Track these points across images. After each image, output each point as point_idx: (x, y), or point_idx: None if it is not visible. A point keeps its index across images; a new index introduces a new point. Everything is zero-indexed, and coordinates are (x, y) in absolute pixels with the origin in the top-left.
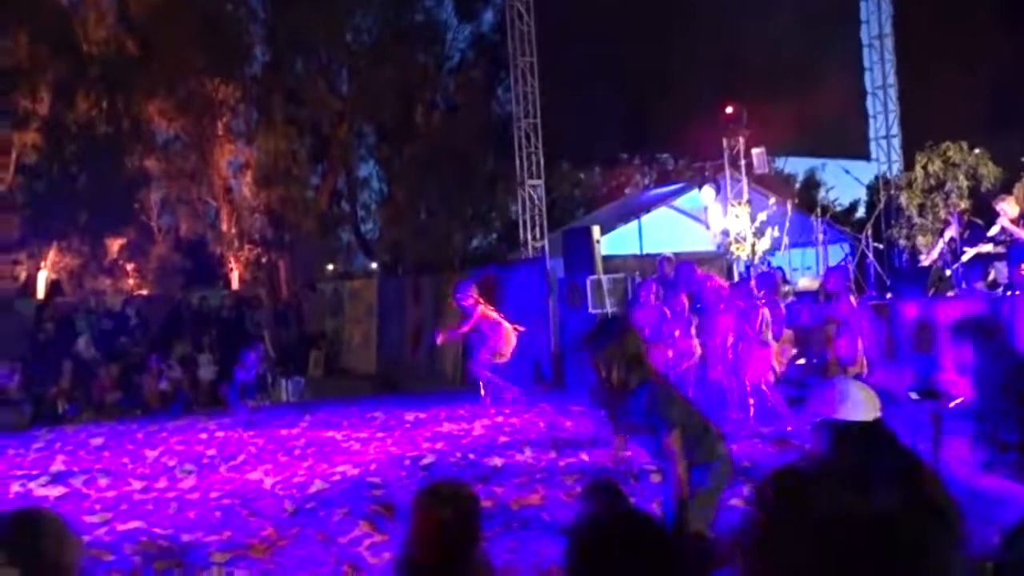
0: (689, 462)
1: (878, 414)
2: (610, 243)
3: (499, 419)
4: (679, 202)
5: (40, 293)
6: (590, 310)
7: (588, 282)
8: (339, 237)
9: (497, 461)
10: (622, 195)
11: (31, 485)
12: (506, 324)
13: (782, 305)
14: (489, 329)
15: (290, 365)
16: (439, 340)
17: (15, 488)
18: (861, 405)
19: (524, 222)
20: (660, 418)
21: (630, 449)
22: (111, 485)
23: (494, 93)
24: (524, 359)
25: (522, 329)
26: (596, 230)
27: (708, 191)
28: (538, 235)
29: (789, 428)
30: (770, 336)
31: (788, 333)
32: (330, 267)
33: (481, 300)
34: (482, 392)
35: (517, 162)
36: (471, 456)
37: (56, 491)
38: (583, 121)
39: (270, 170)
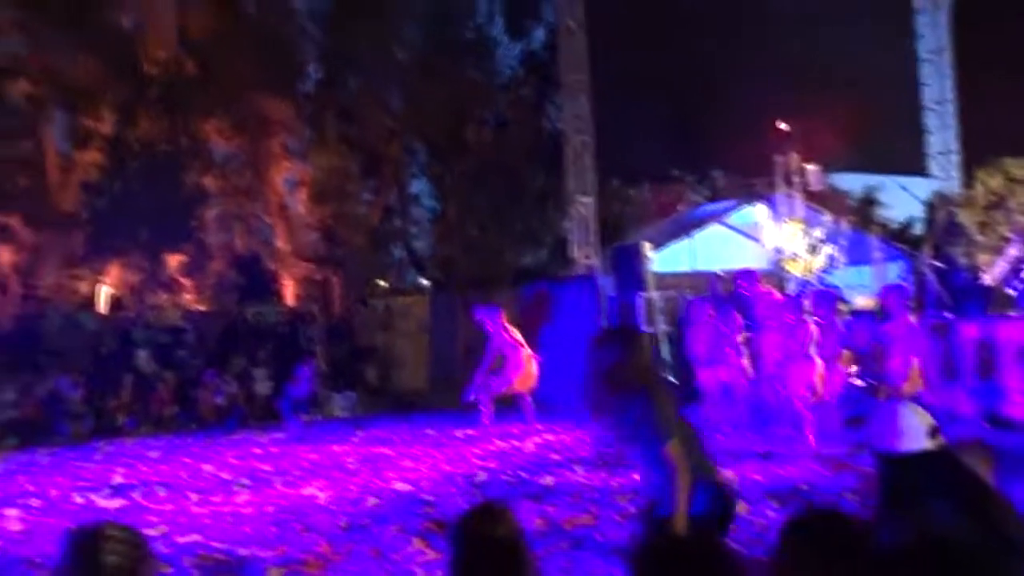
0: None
1: (938, 441)
2: (662, 260)
3: (550, 437)
4: (731, 219)
5: (101, 308)
6: (641, 328)
7: (639, 300)
8: (391, 253)
9: (549, 480)
10: (673, 212)
11: (93, 497)
12: (526, 352)
13: (840, 324)
14: (508, 355)
15: (342, 380)
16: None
17: (77, 499)
18: (918, 433)
19: (575, 239)
20: (652, 429)
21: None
22: (169, 498)
23: (544, 109)
24: (574, 377)
25: (539, 359)
26: (647, 247)
27: (761, 208)
28: (589, 252)
29: (844, 450)
30: (815, 353)
31: (846, 353)
32: (381, 283)
33: (504, 325)
34: (485, 412)
35: (568, 178)
36: (523, 474)
37: (116, 503)
38: (634, 137)
39: (324, 187)
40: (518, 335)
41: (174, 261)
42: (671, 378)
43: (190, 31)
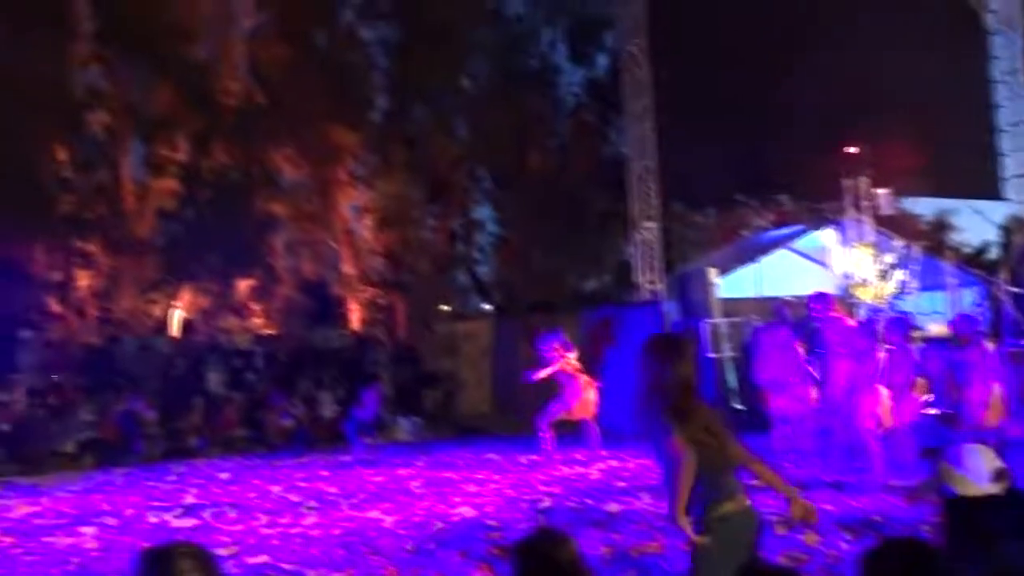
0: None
1: (1004, 484)
2: (727, 286)
3: (615, 463)
4: (798, 244)
5: (174, 331)
6: (707, 353)
7: (704, 326)
8: (454, 278)
9: (614, 507)
10: (739, 237)
11: (166, 516)
12: (583, 379)
13: (914, 351)
14: (565, 382)
15: (406, 404)
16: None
17: (151, 519)
18: (982, 476)
19: (638, 264)
20: (666, 423)
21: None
22: (239, 519)
23: (607, 135)
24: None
25: (599, 384)
26: (713, 272)
27: (829, 233)
28: (653, 277)
29: (918, 481)
30: (882, 383)
31: (920, 381)
32: (445, 308)
33: (564, 353)
34: (545, 440)
35: (631, 203)
36: (588, 501)
37: (188, 523)
38: (698, 162)
39: (389, 213)
40: (577, 361)
41: (244, 286)
42: (737, 404)
43: (261, 62)
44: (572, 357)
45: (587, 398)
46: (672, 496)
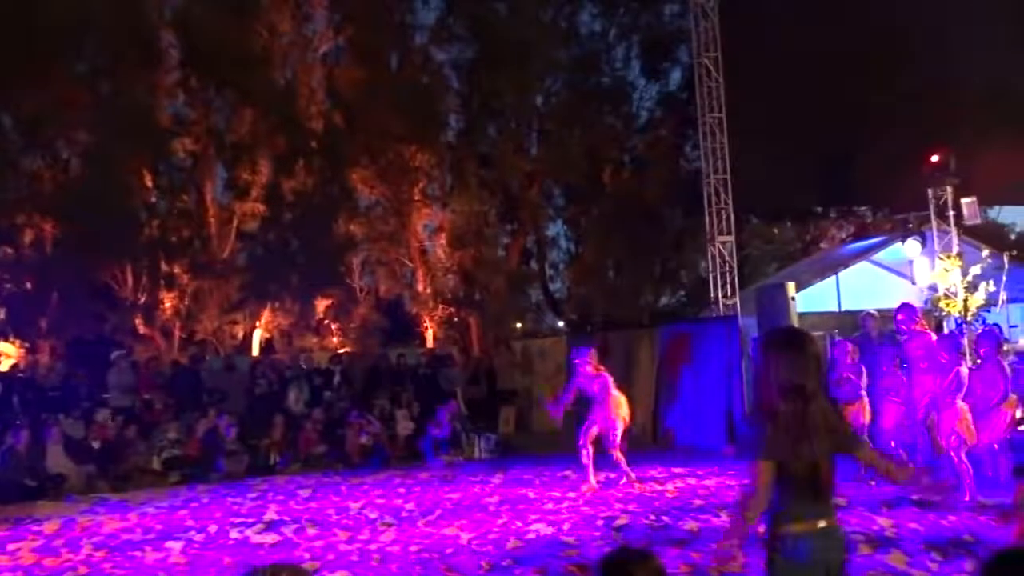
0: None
1: None
2: (806, 300)
3: (692, 481)
4: (880, 256)
5: (255, 350)
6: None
7: None
8: (527, 296)
9: (693, 525)
10: (817, 250)
11: (248, 532)
12: (616, 393)
13: (1007, 365)
14: (601, 396)
15: (482, 422)
16: (554, 414)
17: (234, 534)
18: None
19: (714, 279)
20: (751, 444)
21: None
22: (319, 535)
23: (682, 150)
24: (717, 419)
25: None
26: (791, 287)
27: (913, 244)
28: (729, 292)
29: (1010, 499)
30: (965, 398)
31: (1012, 397)
32: (518, 325)
33: (600, 367)
34: (584, 463)
35: (706, 218)
36: (665, 519)
37: (270, 539)
38: (775, 175)
39: (463, 231)
40: (608, 375)
41: (322, 305)
42: None
43: (338, 85)
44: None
45: (621, 413)
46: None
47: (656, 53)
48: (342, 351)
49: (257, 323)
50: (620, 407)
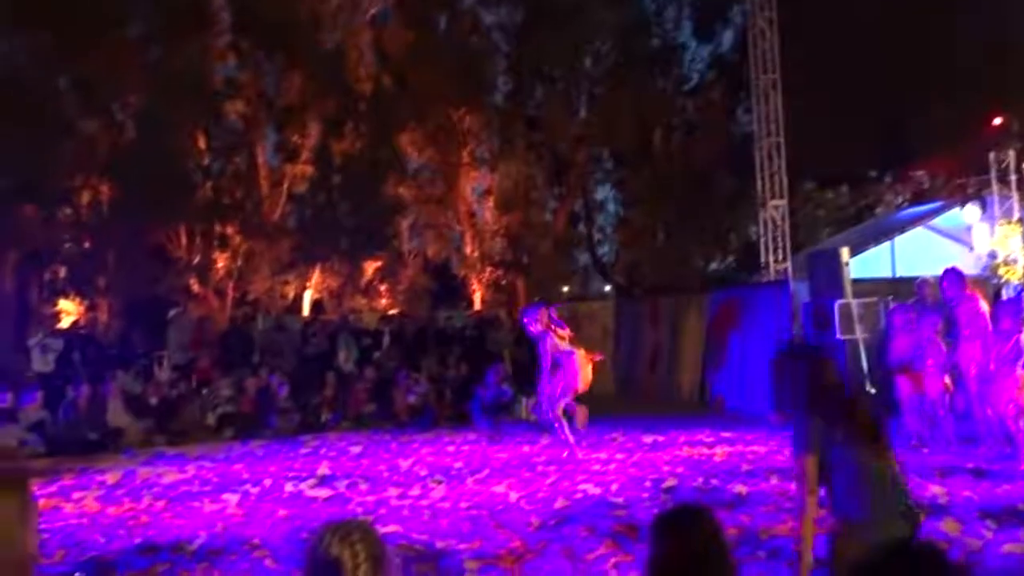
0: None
1: None
2: (859, 266)
3: (741, 446)
4: (937, 222)
5: (305, 311)
6: (838, 335)
7: (836, 306)
8: (575, 259)
9: (742, 488)
10: (872, 215)
11: (301, 486)
12: (580, 353)
13: None
14: (563, 359)
15: (528, 384)
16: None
17: (288, 488)
18: None
19: (765, 244)
20: (796, 440)
21: None
22: (370, 490)
23: (734, 113)
24: (766, 385)
25: (599, 358)
26: (845, 252)
27: (972, 209)
28: (780, 257)
29: None
30: (1019, 365)
31: None
32: (565, 289)
33: (552, 326)
34: (562, 434)
35: (758, 182)
36: (714, 481)
37: (323, 493)
38: (830, 138)
39: (511, 195)
40: (569, 334)
41: (371, 267)
42: (869, 388)
43: (387, 48)
44: (564, 333)
45: (586, 373)
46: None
47: (708, 14)
48: (391, 312)
49: (307, 284)
50: (582, 369)
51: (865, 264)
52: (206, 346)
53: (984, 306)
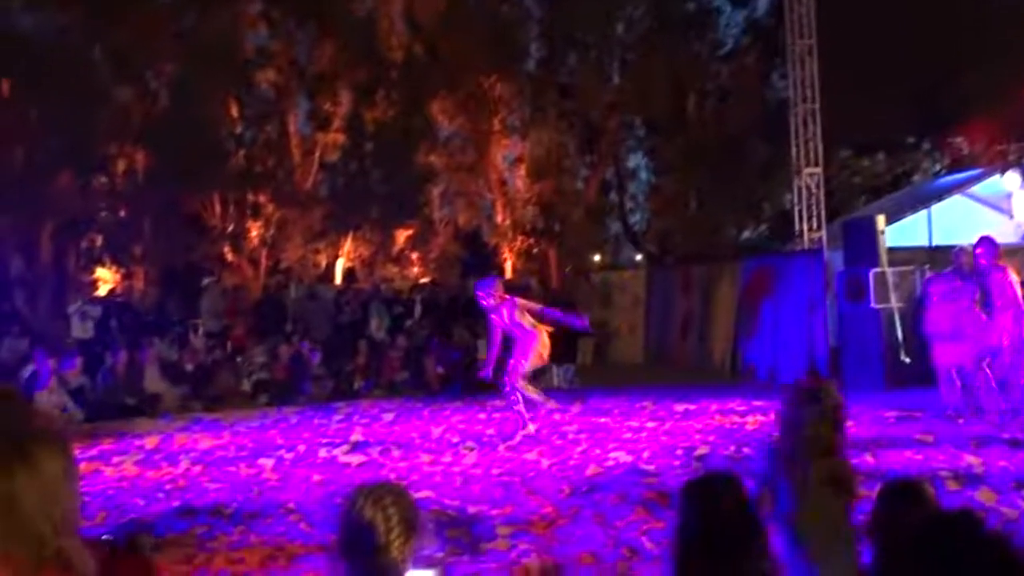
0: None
1: None
2: (895, 234)
3: (774, 415)
4: (976, 189)
5: (338, 280)
6: (873, 304)
7: (871, 275)
8: (606, 228)
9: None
10: (909, 183)
11: (335, 452)
12: (538, 328)
13: None
14: (519, 331)
15: (560, 353)
16: (483, 374)
17: (322, 453)
18: None
19: (799, 212)
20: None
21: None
22: (403, 457)
23: (769, 79)
24: (799, 355)
25: (551, 330)
26: (881, 220)
27: (1013, 177)
28: (815, 225)
29: None
30: None
31: None
32: (596, 257)
33: (506, 297)
34: (518, 408)
35: (793, 149)
36: (746, 450)
37: (356, 459)
38: (866, 104)
39: (542, 163)
40: (522, 302)
41: (402, 235)
42: (904, 358)
43: (418, 16)
44: (530, 306)
45: (543, 343)
46: None
47: None
48: (423, 281)
49: (339, 253)
50: (539, 342)
51: (901, 232)
52: (240, 314)
53: (1014, 277)
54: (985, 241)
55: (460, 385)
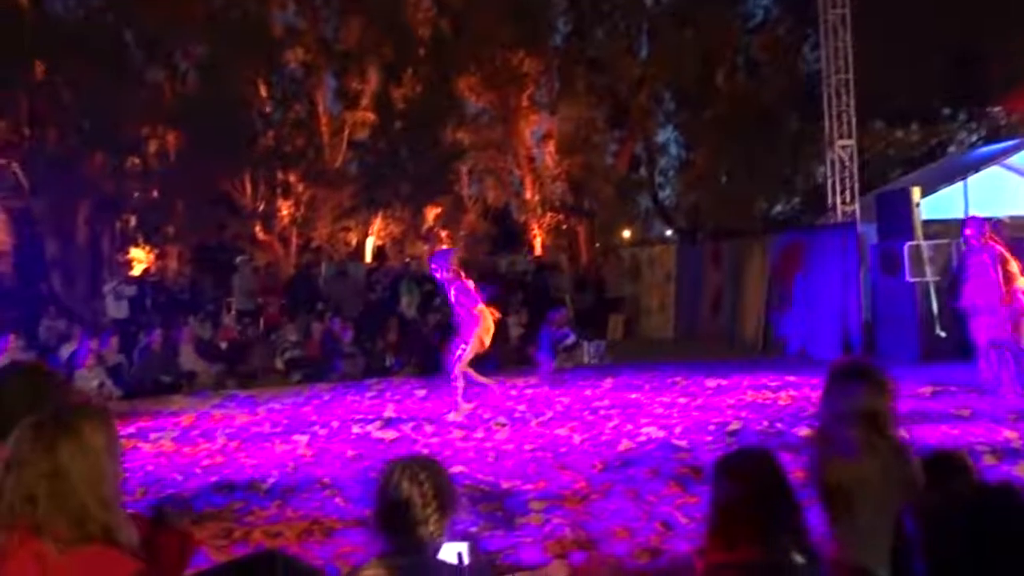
0: None
1: None
2: (931, 206)
3: (807, 390)
4: (1013, 160)
5: (368, 258)
6: (908, 278)
7: (906, 248)
8: (636, 203)
9: (807, 431)
10: (944, 154)
11: (368, 428)
12: (479, 306)
13: None
14: (464, 312)
15: (590, 329)
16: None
17: (355, 429)
18: None
19: (832, 185)
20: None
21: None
22: (435, 432)
23: (800, 50)
24: (832, 329)
25: (499, 315)
26: (916, 192)
27: None
28: (848, 198)
29: None
30: None
31: None
32: (626, 233)
33: (461, 273)
34: (456, 389)
35: (826, 121)
36: (779, 425)
37: (389, 435)
38: (900, 75)
39: (571, 138)
40: (471, 284)
41: (431, 213)
42: (940, 331)
43: None
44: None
45: (487, 325)
46: None
47: None
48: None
49: (369, 231)
50: (481, 327)
51: (937, 205)
52: (272, 292)
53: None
54: (973, 221)
55: (491, 362)
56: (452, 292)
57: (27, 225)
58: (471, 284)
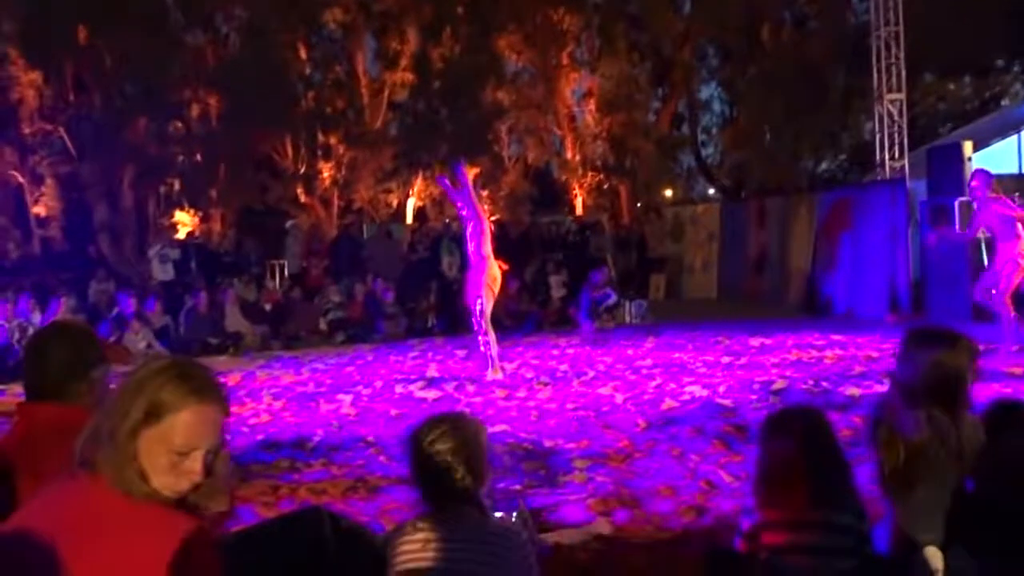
0: None
1: None
2: (983, 161)
3: (853, 349)
4: None
5: (409, 219)
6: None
7: (956, 204)
8: (679, 161)
9: (854, 391)
10: (998, 107)
11: (411, 388)
12: (490, 257)
13: None
14: (474, 253)
15: (632, 288)
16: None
17: (398, 389)
18: None
19: (880, 140)
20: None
21: None
22: (477, 392)
23: (848, 2)
24: (880, 287)
25: (506, 267)
26: (968, 146)
27: None
28: (896, 154)
29: None
30: None
31: None
32: (668, 192)
33: (465, 184)
34: (488, 344)
35: (874, 75)
36: (824, 384)
37: (432, 394)
38: (952, 25)
39: (612, 96)
40: (488, 225)
41: (472, 173)
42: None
43: None
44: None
45: (493, 276)
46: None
47: None
48: (493, 218)
49: (410, 192)
50: (487, 274)
51: (989, 159)
52: (316, 254)
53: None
54: (979, 173)
55: (533, 322)
56: (469, 228)
57: (75, 190)
58: (488, 225)
